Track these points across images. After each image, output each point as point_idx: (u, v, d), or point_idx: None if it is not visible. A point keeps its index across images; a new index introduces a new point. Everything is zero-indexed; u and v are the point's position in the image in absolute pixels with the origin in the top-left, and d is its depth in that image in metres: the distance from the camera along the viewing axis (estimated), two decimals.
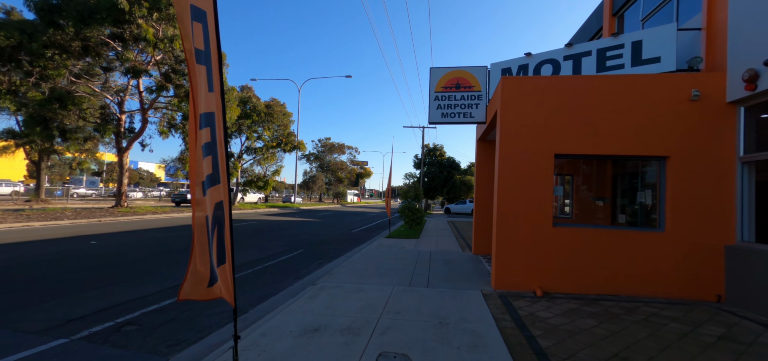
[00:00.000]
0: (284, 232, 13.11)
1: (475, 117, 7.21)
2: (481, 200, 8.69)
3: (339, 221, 19.50)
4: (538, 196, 5.13)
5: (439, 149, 40.34)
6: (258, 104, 24.12)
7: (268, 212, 24.31)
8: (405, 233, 13.03)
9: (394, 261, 7.48)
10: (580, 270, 5.00)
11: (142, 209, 16.42)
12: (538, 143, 5.18)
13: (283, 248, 9.23)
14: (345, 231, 14.52)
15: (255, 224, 15.35)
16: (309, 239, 11.54)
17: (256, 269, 6.72)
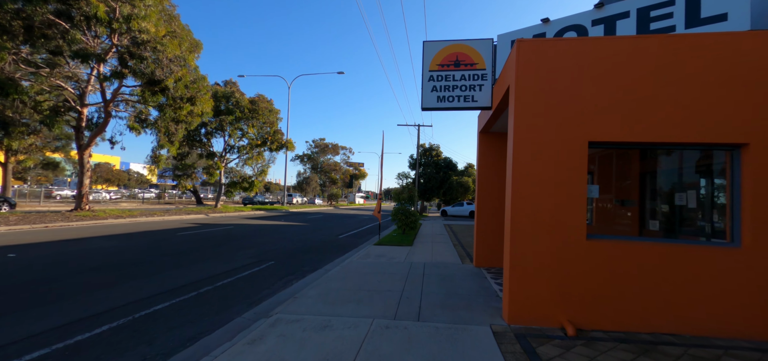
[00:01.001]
0: (261, 238, 11.72)
1: (478, 101, 5.92)
2: (485, 203, 7.41)
3: (327, 225, 18.14)
4: (566, 199, 3.85)
5: (435, 149, 39.13)
6: (242, 100, 22.64)
7: (251, 215, 22.86)
8: (397, 240, 11.72)
9: (380, 278, 6.15)
10: (626, 298, 3.72)
11: (103, 213, 14.93)
12: (566, 128, 3.90)
13: (250, 260, 7.86)
14: (330, 237, 13.17)
15: (230, 230, 13.94)
16: (287, 247, 10.17)
17: (202, 291, 5.35)
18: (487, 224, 7.35)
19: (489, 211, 7.36)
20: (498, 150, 7.45)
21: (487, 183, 7.42)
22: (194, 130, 21.70)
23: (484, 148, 7.51)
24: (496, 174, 7.40)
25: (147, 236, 11.03)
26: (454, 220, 26.90)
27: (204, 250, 8.93)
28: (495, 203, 7.35)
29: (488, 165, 7.45)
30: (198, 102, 14.08)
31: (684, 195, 5.34)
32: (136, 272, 6.36)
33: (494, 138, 7.46)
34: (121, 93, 14.46)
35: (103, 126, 14.35)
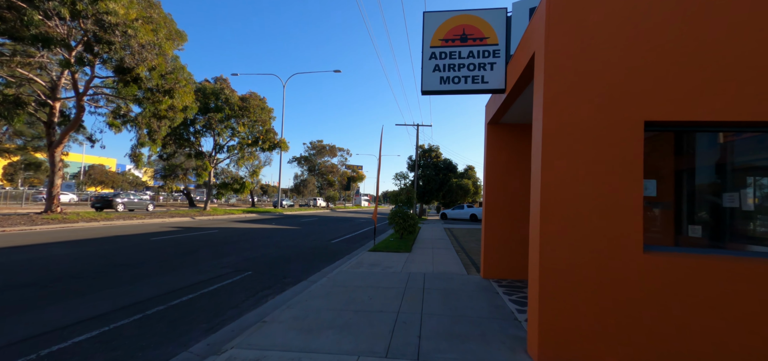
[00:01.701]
0: (245, 243, 10.73)
1: (489, 83, 4.99)
2: (494, 205, 6.46)
3: (320, 229, 17.16)
4: (615, 198, 2.91)
5: (434, 150, 38.26)
6: (232, 97, 21.63)
7: (241, 218, 21.85)
8: (394, 245, 10.76)
9: (372, 294, 5.18)
10: (705, 336, 2.76)
11: (76, 216, 13.90)
12: (615, 105, 2.97)
13: (225, 270, 6.88)
14: (322, 242, 12.19)
15: (214, 234, 12.94)
16: (271, 253, 9.19)
17: (150, 312, 4.37)
18: (496, 229, 6.40)
19: (499, 214, 6.41)
20: (510, 144, 6.52)
21: (496, 182, 6.48)
22: (181, 129, 20.69)
23: (493, 142, 6.57)
24: (508, 172, 6.47)
25: (114, 241, 10.02)
26: (455, 223, 25.97)
27: (174, 258, 7.93)
28: (506, 206, 6.41)
29: (498, 161, 6.51)
30: (177, 95, 13.05)
31: (735, 195, 4.40)
32: (77, 287, 5.36)
33: (506, 131, 6.53)
34: (95, 85, 13.46)
35: (75, 122, 13.34)
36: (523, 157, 6.48)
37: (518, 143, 6.50)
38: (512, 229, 6.35)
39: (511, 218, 6.36)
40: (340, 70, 33.00)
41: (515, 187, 6.44)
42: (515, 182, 6.44)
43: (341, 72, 31.84)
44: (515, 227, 6.35)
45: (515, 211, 6.37)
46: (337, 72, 33.69)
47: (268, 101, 24.22)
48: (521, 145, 6.49)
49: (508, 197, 6.42)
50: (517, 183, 6.43)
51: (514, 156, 6.48)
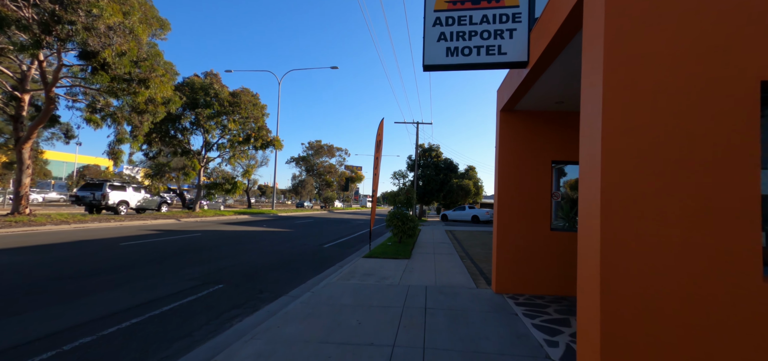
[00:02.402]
0: (226, 249, 9.76)
1: (508, 54, 4.04)
2: (508, 206, 5.50)
3: (314, 231, 16.19)
4: (716, 197, 1.94)
5: (434, 150, 37.31)
6: (221, 92, 20.59)
7: (231, 220, 20.86)
8: (392, 251, 9.79)
9: (362, 316, 4.22)
10: None
11: (45, 218, 12.89)
12: (720, 58, 2.01)
13: (192, 283, 5.90)
14: (313, 246, 11.22)
15: (193, 238, 11.96)
16: (252, 261, 8.22)
17: (66, 349, 3.39)
18: (510, 235, 5.44)
19: (514, 217, 5.44)
20: (528, 134, 5.56)
21: (511, 179, 5.52)
22: (168, 125, 19.64)
23: (507, 133, 5.61)
24: (525, 168, 5.51)
25: (75, 248, 9.03)
26: (456, 225, 25.03)
27: (137, 267, 6.95)
28: (523, 207, 5.45)
29: (513, 155, 5.55)
30: (153, 85, 12.02)
31: None
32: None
33: (523, 119, 5.57)
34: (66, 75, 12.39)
35: (44, 116, 12.32)
36: (544, 149, 5.52)
37: (538, 134, 5.54)
38: (530, 234, 5.40)
39: (528, 222, 5.41)
40: (337, 66, 32.05)
41: (534, 185, 5.48)
42: (534, 180, 5.48)
43: (338, 68, 30.90)
44: (534, 233, 5.39)
45: (534, 213, 5.41)
46: (334, 68, 32.77)
47: (264, 100, 23.29)
48: (542, 137, 5.54)
49: (524, 196, 5.46)
50: (537, 180, 5.47)
51: (533, 149, 5.53)
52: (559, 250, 5.31)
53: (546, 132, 5.51)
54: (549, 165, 5.49)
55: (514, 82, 4.67)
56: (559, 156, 5.48)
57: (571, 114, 5.48)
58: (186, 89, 20.28)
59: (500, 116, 5.67)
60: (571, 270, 5.25)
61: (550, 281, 5.31)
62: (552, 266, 5.31)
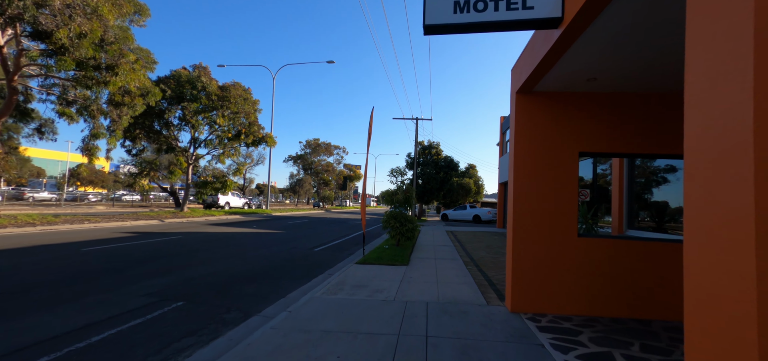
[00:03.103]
0: (204, 254, 8.84)
1: (535, 8, 3.12)
2: (528, 208, 4.59)
3: (307, 233, 15.28)
4: None
5: (434, 147, 36.42)
6: (209, 85, 19.56)
7: (221, 220, 19.92)
8: (388, 256, 8.89)
9: (344, 348, 3.31)
10: None
11: (3, 221, 11.93)
12: None
13: (149, 299, 4.98)
14: (302, 250, 10.31)
15: (173, 242, 11.05)
16: (228, 270, 7.30)
17: None
18: (530, 242, 4.53)
19: (534, 220, 4.53)
20: (553, 120, 4.65)
21: (530, 175, 4.60)
22: (154, 121, 18.61)
23: (525, 119, 4.69)
24: (549, 161, 4.60)
25: (27, 253, 8.09)
26: (457, 225, 24.16)
27: (88, 279, 6.01)
28: (546, 210, 4.54)
29: (533, 145, 4.64)
30: (122, 72, 11.01)
31: None
32: None
33: (546, 102, 4.66)
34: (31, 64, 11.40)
35: (6, 108, 11.30)
36: (570, 138, 4.61)
37: (563, 120, 4.63)
38: (553, 241, 4.48)
39: (551, 227, 4.50)
40: (334, 61, 31.09)
41: (557, 182, 4.56)
42: (558, 175, 4.57)
43: (334, 62, 29.96)
44: (558, 239, 4.48)
45: (558, 216, 4.50)
46: (330, 62, 31.79)
47: (258, 96, 22.29)
48: (568, 123, 4.63)
49: (546, 196, 4.55)
50: (561, 176, 4.56)
51: (557, 138, 4.61)
52: (589, 260, 4.40)
53: (573, 117, 4.60)
54: (575, 157, 4.58)
55: (538, 53, 3.74)
56: (589, 146, 4.57)
57: (604, 96, 4.57)
58: (171, 82, 19.27)
59: (516, 99, 4.75)
60: (605, 286, 4.34)
61: (577, 298, 4.40)
62: (580, 281, 4.40)
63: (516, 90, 4.71)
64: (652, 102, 4.49)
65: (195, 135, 20.82)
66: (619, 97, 4.54)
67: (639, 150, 4.52)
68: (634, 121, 4.53)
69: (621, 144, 4.54)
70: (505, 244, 12.68)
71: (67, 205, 30.84)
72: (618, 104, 4.54)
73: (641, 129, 4.51)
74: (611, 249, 4.37)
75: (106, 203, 34.33)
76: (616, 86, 4.37)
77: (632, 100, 4.53)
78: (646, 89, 4.43)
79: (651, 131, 4.50)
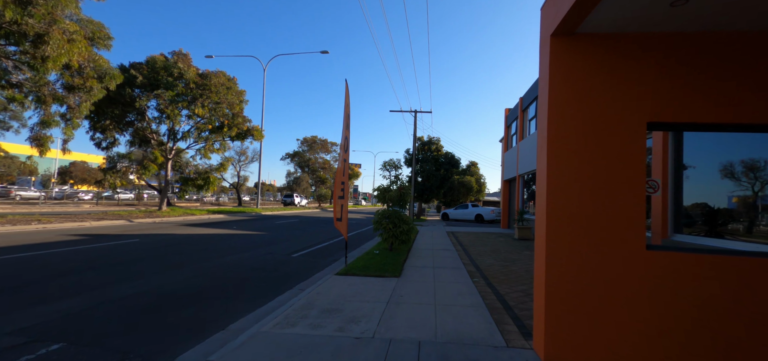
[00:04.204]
0: (151, 263, 7.38)
1: None
2: (571, 205, 3.09)
3: (291, 234, 13.81)
4: None
5: (434, 143, 34.90)
6: (187, 72, 17.90)
7: (199, 220, 18.42)
8: (376, 264, 7.43)
9: None
10: None
11: None
12: None
13: (15, 340, 3.48)
14: (279, 256, 8.84)
15: (122, 246, 9.60)
16: (173, 284, 5.85)
17: None
18: (570, 256, 3.06)
19: (578, 226, 3.06)
20: (606, 78, 3.16)
21: (574, 157, 3.13)
22: (123, 109, 16.92)
23: (563, 76, 3.21)
24: (600, 139, 3.12)
25: None
26: (459, 225, 22.70)
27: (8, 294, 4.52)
28: (595, 207, 3.05)
29: (578, 109, 3.16)
30: (53, 42, 9.41)
31: None
32: None
33: (596, 48, 3.17)
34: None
35: None
36: (634, 103, 3.13)
37: (623, 75, 3.15)
38: (612, 258, 3.01)
39: (607, 235, 3.02)
40: (328, 51, 29.53)
41: (617, 167, 3.08)
42: (618, 158, 3.09)
43: (328, 52, 28.44)
44: (614, 254, 3.00)
45: (614, 219, 3.03)
46: (324, 52, 30.30)
47: (251, 91, 20.90)
48: (631, 80, 3.14)
49: (597, 189, 3.06)
50: (619, 160, 3.08)
51: (618, 101, 3.13)
52: (668, 286, 2.92)
53: (639, 71, 3.11)
54: (642, 131, 3.09)
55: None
56: (665, 113, 3.07)
57: (696, 36, 3.07)
58: (144, 68, 17.70)
59: (551, 47, 3.25)
60: (700, 331, 2.86)
61: (650, 345, 2.92)
62: (654, 318, 2.92)
63: (550, 32, 3.21)
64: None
65: (171, 127, 19.18)
66: (724, 39, 3.03)
67: (757, 119, 3.00)
68: (746, 76, 3.02)
69: (726, 110, 3.02)
70: (514, 248, 11.19)
71: (52, 203, 29.54)
72: (719, 49, 3.04)
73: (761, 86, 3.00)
74: (709, 270, 2.89)
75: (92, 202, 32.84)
76: (718, 19, 2.87)
77: (747, 43, 3.02)
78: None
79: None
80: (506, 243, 12.50)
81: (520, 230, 13.98)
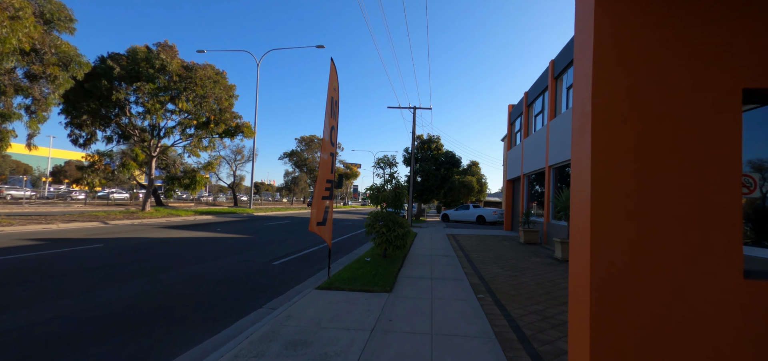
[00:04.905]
0: (97, 274, 6.42)
1: None
2: (625, 202, 2.06)
3: (279, 238, 12.84)
4: None
5: (434, 142, 33.89)
6: (169, 64, 16.83)
7: (182, 222, 17.44)
8: (365, 274, 6.45)
9: None
10: None
11: None
12: None
13: None
14: (257, 264, 7.86)
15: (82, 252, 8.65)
16: (110, 302, 4.90)
17: None
18: (626, 281, 2.03)
19: (639, 236, 2.03)
20: (677, 25, 2.12)
21: (631, 139, 2.10)
22: (101, 103, 15.84)
23: (617, 24, 2.18)
24: (671, 112, 2.09)
25: None
26: (459, 227, 21.75)
27: None
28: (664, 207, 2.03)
29: (636, 71, 2.13)
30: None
31: None
32: None
33: None
34: None
35: None
36: (733, 62, 2.10)
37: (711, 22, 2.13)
38: (689, 289, 2.00)
39: (680, 253, 2.01)
40: (324, 45, 28.58)
41: (695, 154, 2.07)
42: (697, 141, 2.07)
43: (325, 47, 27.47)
44: (701, 285, 1.99)
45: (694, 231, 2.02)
46: (319, 47, 29.34)
47: (245, 89, 19.89)
48: (724, 30, 2.12)
49: (669, 183, 2.05)
50: (706, 141, 2.07)
51: (696, 60, 2.11)
52: None
53: (732, 20, 2.11)
54: (735, 101, 2.08)
55: None
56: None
57: None
58: (123, 59, 16.70)
59: None
60: None
61: None
62: None
63: None
64: None
65: (152, 121, 18.09)
66: None
67: None
68: None
69: None
70: (521, 254, 10.15)
71: (40, 203, 28.88)
72: None
73: None
74: None
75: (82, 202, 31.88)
76: None
77: None
78: None
79: None
80: (512, 248, 11.52)
81: (525, 234, 13.01)
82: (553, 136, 13.00)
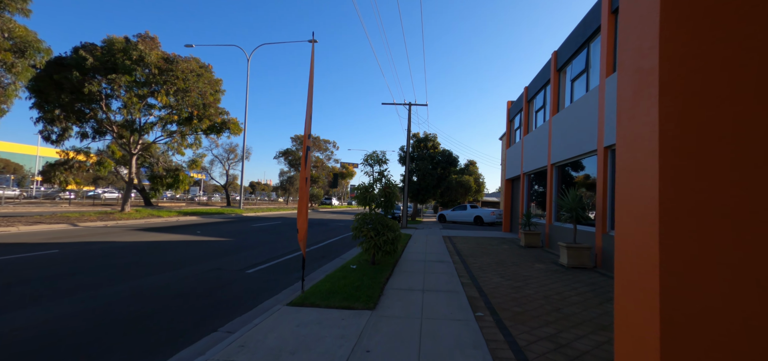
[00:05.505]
0: (43, 288, 5.56)
1: None
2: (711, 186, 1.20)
3: (263, 241, 12.00)
4: None
5: (430, 140, 33.13)
6: (148, 56, 15.85)
7: (161, 224, 16.53)
8: (347, 286, 5.61)
9: None
10: None
11: None
12: None
13: None
14: (230, 273, 7.02)
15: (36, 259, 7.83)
16: (33, 324, 4.03)
17: None
18: (707, 301, 1.18)
19: (723, 234, 1.19)
20: None
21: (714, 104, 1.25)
22: (75, 97, 14.87)
23: None
24: None
25: None
26: (456, 228, 20.98)
27: None
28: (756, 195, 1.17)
29: (715, 16, 1.27)
30: None
31: None
32: None
33: None
34: None
35: None
36: None
37: None
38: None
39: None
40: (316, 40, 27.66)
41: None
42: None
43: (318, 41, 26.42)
44: None
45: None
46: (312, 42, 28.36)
47: (238, 88, 19.00)
48: None
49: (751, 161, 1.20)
50: None
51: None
52: None
53: None
54: None
55: None
56: None
57: None
58: (98, 50, 15.75)
59: None
60: None
61: None
62: None
63: None
64: None
65: (129, 116, 17.04)
66: None
67: None
68: None
69: None
70: (522, 259, 9.25)
71: (26, 202, 28.16)
72: None
73: None
74: None
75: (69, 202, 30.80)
76: None
77: None
78: None
79: None
80: (512, 252, 10.74)
81: (526, 236, 12.23)
82: (555, 132, 12.22)
